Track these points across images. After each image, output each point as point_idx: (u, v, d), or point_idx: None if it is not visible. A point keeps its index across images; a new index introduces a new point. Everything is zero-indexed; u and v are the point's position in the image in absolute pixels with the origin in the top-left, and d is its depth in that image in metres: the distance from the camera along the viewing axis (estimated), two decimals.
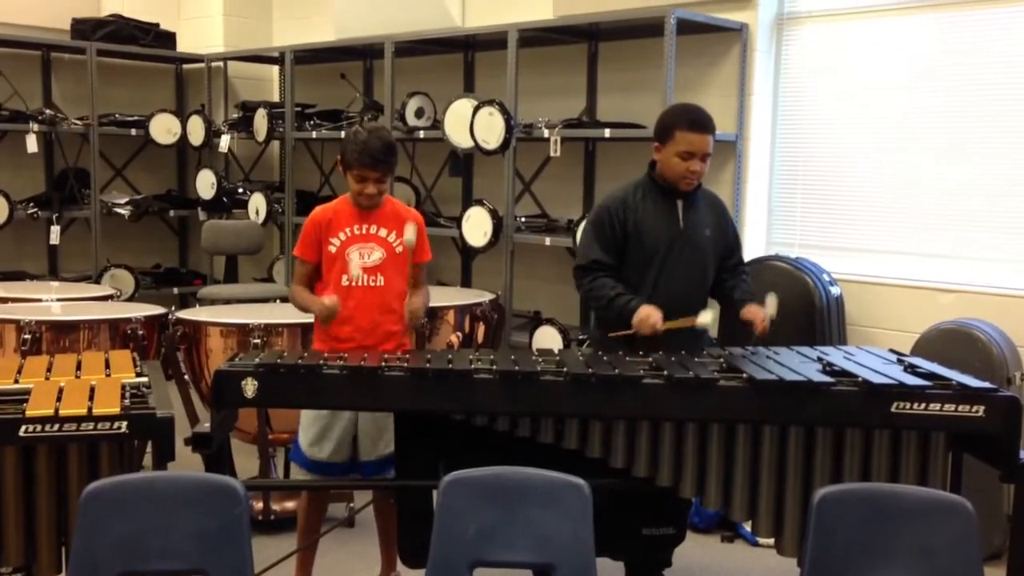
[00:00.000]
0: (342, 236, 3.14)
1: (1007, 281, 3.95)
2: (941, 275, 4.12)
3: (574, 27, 4.92)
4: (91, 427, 2.33)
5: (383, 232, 3.17)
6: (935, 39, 4.14)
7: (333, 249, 3.14)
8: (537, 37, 5.01)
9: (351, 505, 3.95)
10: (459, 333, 4.36)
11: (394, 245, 3.17)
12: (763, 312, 3.08)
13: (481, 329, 4.48)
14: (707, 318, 3.02)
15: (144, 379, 2.64)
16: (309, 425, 3.21)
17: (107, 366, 2.77)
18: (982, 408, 2.54)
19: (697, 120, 3.13)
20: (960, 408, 2.54)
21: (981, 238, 4.04)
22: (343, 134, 5.84)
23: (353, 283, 3.12)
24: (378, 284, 3.13)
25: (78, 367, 2.76)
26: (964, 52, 4.06)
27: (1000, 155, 3.98)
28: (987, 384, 2.61)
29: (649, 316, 3.01)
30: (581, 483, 2.24)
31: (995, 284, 3.96)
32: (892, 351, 3.08)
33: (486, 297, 4.61)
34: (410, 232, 3.06)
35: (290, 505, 3.96)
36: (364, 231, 3.15)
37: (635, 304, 3.05)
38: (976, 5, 4.02)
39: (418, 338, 3.96)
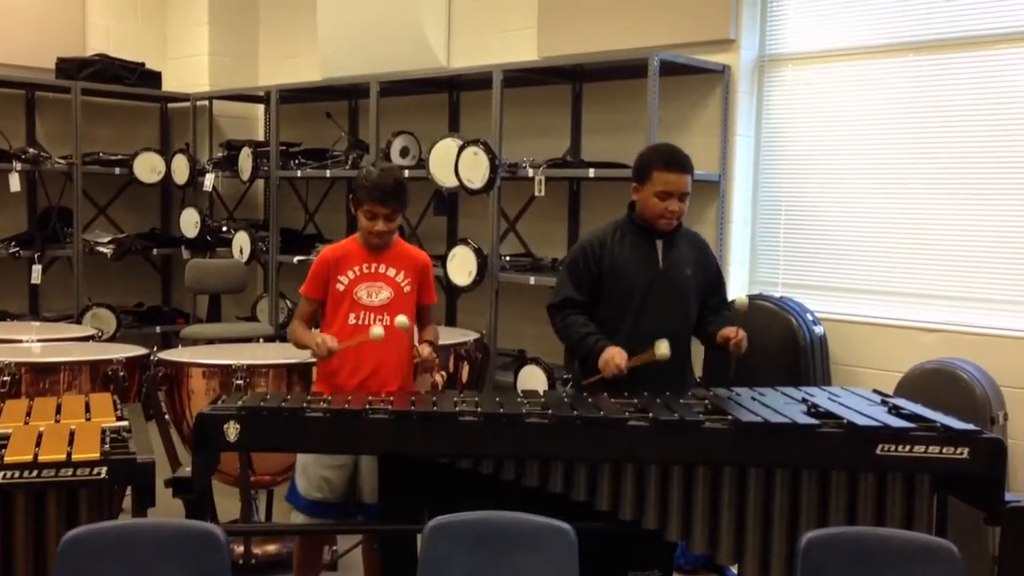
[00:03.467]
0: (351, 274, 3.15)
1: (989, 320, 3.97)
2: (923, 315, 4.14)
3: (558, 68, 4.97)
4: (70, 473, 2.30)
5: (391, 272, 3.18)
6: (913, 81, 4.20)
7: (341, 287, 3.14)
8: (522, 78, 5.05)
9: (334, 548, 3.91)
10: (444, 372, 4.33)
11: (402, 285, 3.17)
12: (734, 329, 3.06)
13: (466, 368, 4.46)
14: (663, 348, 3.00)
15: (124, 423, 2.62)
16: (306, 464, 3.18)
17: (87, 410, 2.75)
18: (967, 450, 2.55)
19: (674, 160, 3.14)
20: (945, 450, 2.55)
21: (963, 278, 4.07)
22: (346, 173, 5.86)
23: (361, 322, 3.12)
24: (385, 323, 3.12)
25: (58, 411, 2.73)
26: (942, 94, 4.12)
27: (980, 195, 4.02)
28: (971, 426, 2.62)
29: (613, 358, 3.01)
30: (566, 527, 2.23)
31: (977, 323, 3.98)
32: (876, 392, 3.09)
33: (471, 336, 4.60)
34: (402, 319, 3.06)
35: (271, 549, 3.91)
36: (373, 270, 3.16)
37: (601, 345, 3.05)
38: (953, 49, 4.08)
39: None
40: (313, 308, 3.20)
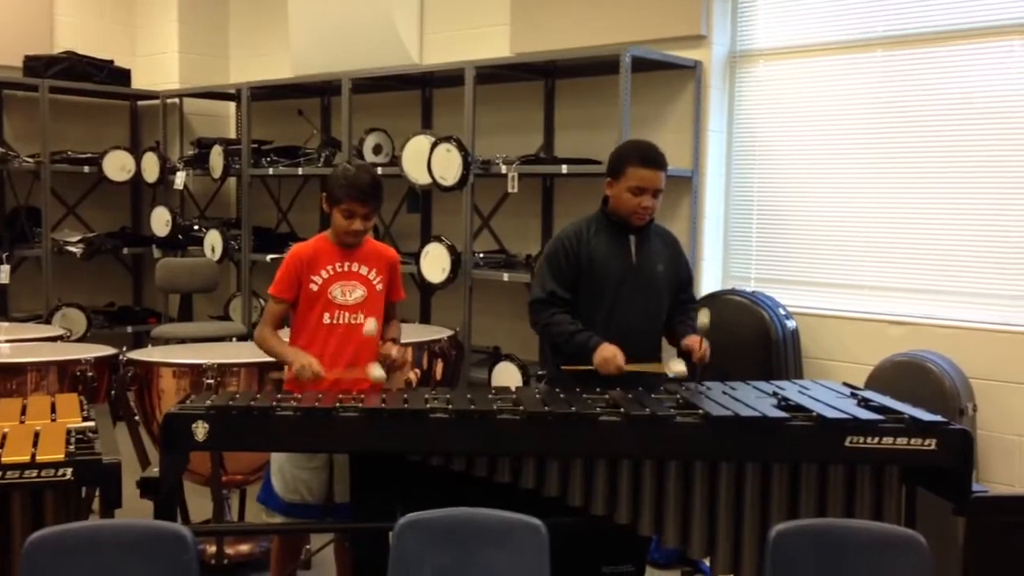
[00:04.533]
0: (324, 274, 3.11)
1: (958, 313, 4.00)
2: (894, 308, 4.17)
3: (531, 64, 4.96)
4: (35, 474, 2.27)
5: (364, 270, 3.16)
6: (883, 76, 4.22)
7: (315, 287, 3.11)
8: (494, 74, 5.04)
9: (307, 547, 3.88)
10: (418, 370, 4.32)
11: (375, 283, 3.16)
12: (699, 340, 3.07)
13: (440, 366, 4.45)
14: (679, 367, 3.02)
15: (91, 424, 2.58)
16: (282, 466, 3.15)
17: (53, 410, 2.71)
18: (934, 441, 2.56)
19: (648, 156, 3.15)
20: (913, 442, 2.56)
21: (933, 271, 4.10)
22: (319, 170, 5.82)
23: (335, 322, 3.09)
24: (359, 322, 3.10)
25: (23, 412, 2.69)
26: (912, 88, 4.15)
27: (948, 190, 4.05)
28: (938, 417, 2.64)
29: (614, 357, 3.01)
30: (538, 523, 2.22)
31: (946, 316, 4.02)
32: (846, 384, 3.10)
33: (445, 333, 4.59)
34: (371, 325, 3.03)
35: (244, 548, 3.89)
36: (346, 268, 3.13)
37: (595, 342, 3.05)
38: (923, 44, 4.11)
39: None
40: (283, 309, 3.15)
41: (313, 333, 3.10)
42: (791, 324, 4.24)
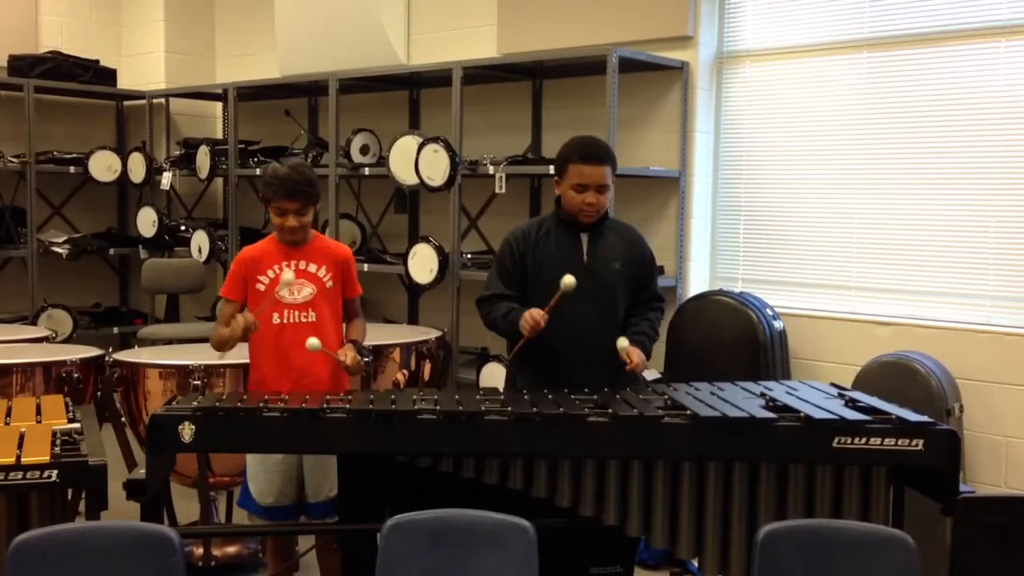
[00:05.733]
0: (270, 274, 3.11)
1: (945, 314, 4.02)
2: (881, 309, 4.18)
3: (518, 65, 4.96)
4: (20, 476, 2.25)
5: (312, 268, 3.16)
6: (870, 77, 4.24)
7: (262, 287, 3.11)
8: (482, 74, 5.03)
9: (298, 548, 3.87)
10: (405, 371, 4.32)
11: (324, 280, 3.15)
12: (636, 357, 3.05)
13: (427, 367, 4.44)
14: (568, 280, 2.98)
15: (76, 425, 2.57)
16: (256, 470, 3.16)
17: (38, 412, 2.70)
18: (921, 442, 2.57)
19: (589, 153, 3.11)
20: (900, 442, 2.57)
21: (920, 272, 4.12)
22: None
23: (285, 321, 3.09)
24: (310, 320, 3.11)
25: (8, 413, 2.68)
26: (898, 90, 4.16)
27: (935, 191, 4.07)
28: (925, 418, 2.64)
29: (531, 315, 3.00)
30: (526, 524, 2.22)
31: (933, 317, 4.04)
32: (833, 385, 3.11)
33: (432, 334, 4.58)
34: (313, 342, 2.98)
35: (231, 550, 3.87)
36: (293, 267, 3.13)
37: (516, 314, 3.06)
38: (909, 45, 4.12)
39: (364, 376, 3.91)
40: (234, 309, 3.15)
41: (264, 333, 3.10)
42: (778, 325, 4.25)
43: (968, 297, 3.99)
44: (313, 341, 2.98)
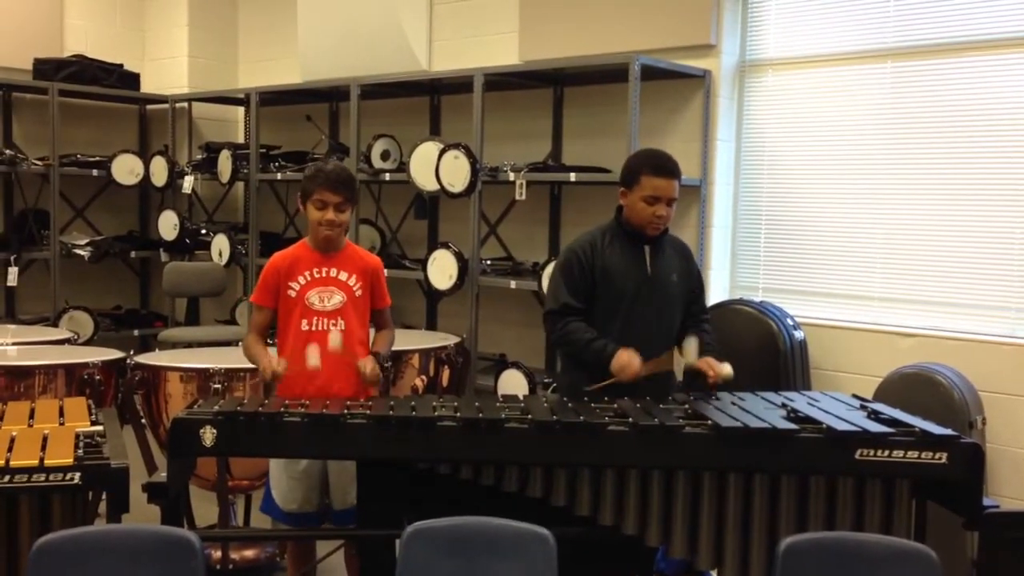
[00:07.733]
0: (301, 280, 3.11)
1: (968, 326, 3.99)
2: (903, 320, 4.15)
3: (540, 72, 4.96)
4: (43, 478, 2.27)
5: (343, 275, 3.15)
6: (892, 87, 4.22)
7: (293, 293, 3.11)
8: (503, 81, 5.04)
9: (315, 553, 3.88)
10: (424, 376, 4.32)
11: (354, 288, 3.14)
12: (718, 366, 3.06)
13: (446, 372, 4.44)
14: (691, 348, 2.99)
15: (99, 428, 2.58)
16: (279, 476, 3.15)
17: (61, 414, 2.71)
18: (945, 455, 2.55)
19: (662, 165, 3.14)
20: (923, 455, 2.55)
21: (942, 283, 4.09)
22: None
23: (314, 328, 3.08)
24: (339, 328, 3.10)
25: (31, 415, 2.69)
26: (920, 99, 4.14)
27: (959, 200, 4.04)
28: (949, 431, 2.62)
29: (631, 362, 2.99)
30: (546, 533, 2.22)
31: (956, 329, 4.00)
32: (855, 396, 3.09)
33: (451, 340, 4.58)
34: (335, 340, 3.01)
35: (249, 554, 3.88)
36: (324, 274, 3.13)
37: (611, 349, 3.03)
38: (932, 55, 4.10)
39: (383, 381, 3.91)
40: (265, 316, 3.15)
41: (293, 340, 3.09)
42: (799, 335, 4.22)
43: (992, 309, 3.95)
44: (336, 339, 2.99)
